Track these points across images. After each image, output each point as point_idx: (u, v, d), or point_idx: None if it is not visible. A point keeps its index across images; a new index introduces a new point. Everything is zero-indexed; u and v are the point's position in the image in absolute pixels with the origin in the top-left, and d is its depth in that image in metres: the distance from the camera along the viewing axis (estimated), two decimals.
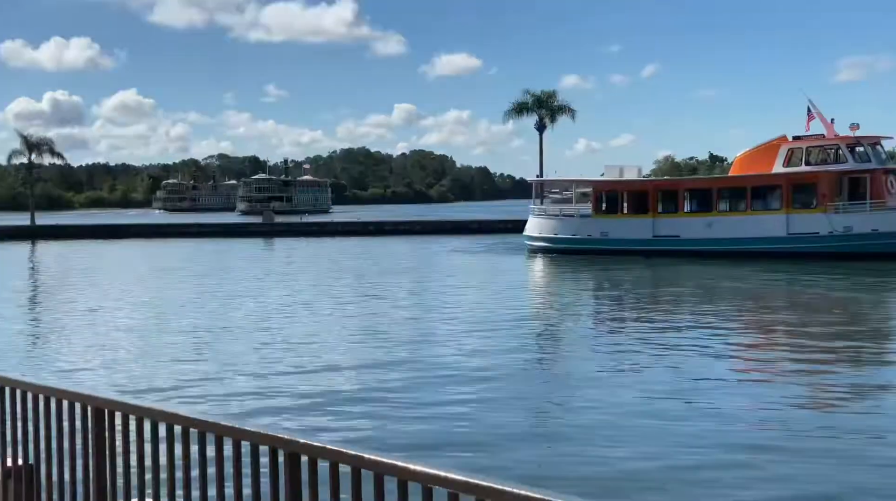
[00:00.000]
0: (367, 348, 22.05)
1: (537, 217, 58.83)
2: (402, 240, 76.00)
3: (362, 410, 15.54)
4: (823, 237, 47.92)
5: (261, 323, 26.95)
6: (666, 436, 13.58)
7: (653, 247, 52.10)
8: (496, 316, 27.67)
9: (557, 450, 13.03)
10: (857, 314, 28.59)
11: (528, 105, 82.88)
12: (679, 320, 26.82)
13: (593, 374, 18.65)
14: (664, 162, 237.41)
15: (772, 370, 19.54)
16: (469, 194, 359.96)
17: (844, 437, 13.54)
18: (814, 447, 12.93)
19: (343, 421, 14.77)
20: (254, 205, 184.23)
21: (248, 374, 18.70)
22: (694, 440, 13.36)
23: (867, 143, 48.80)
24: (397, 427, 14.39)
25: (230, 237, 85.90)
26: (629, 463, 12.29)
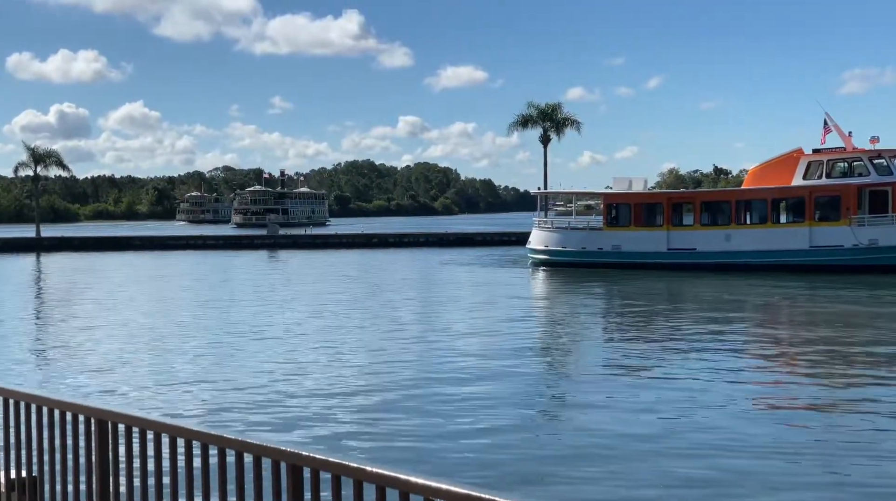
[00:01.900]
0: (371, 362, 22.06)
1: (543, 229, 57.77)
2: (405, 253, 76.02)
3: (365, 423, 15.58)
4: (848, 250, 47.44)
5: (264, 337, 26.92)
6: (670, 457, 13.54)
7: (667, 260, 51.42)
8: (502, 333, 27.62)
9: (560, 468, 13.02)
10: None
11: (533, 117, 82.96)
12: (704, 338, 26.60)
13: (600, 390, 18.62)
14: (668, 174, 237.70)
15: (786, 393, 19.45)
16: (473, 206, 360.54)
17: (849, 455, 13.52)
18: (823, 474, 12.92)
19: (345, 434, 14.80)
20: (248, 218, 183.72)
21: (252, 387, 18.70)
22: (699, 459, 13.35)
23: (888, 156, 48.73)
24: (400, 440, 14.39)
25: (235, 249, 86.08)
26: (629, 484, 12.29)
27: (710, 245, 50.70)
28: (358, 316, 31.67)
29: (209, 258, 72.61)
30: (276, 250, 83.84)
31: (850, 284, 40.82)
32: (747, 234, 50.09)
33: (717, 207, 52.55)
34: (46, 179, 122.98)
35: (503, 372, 20.20)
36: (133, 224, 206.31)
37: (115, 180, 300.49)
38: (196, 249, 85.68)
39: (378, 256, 72.29)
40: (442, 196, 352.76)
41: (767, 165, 52.10)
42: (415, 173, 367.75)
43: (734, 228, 50.68)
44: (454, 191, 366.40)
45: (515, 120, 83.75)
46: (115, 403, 14.75)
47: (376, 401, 17.35)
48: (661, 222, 52.54)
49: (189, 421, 5.29)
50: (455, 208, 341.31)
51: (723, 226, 51.16)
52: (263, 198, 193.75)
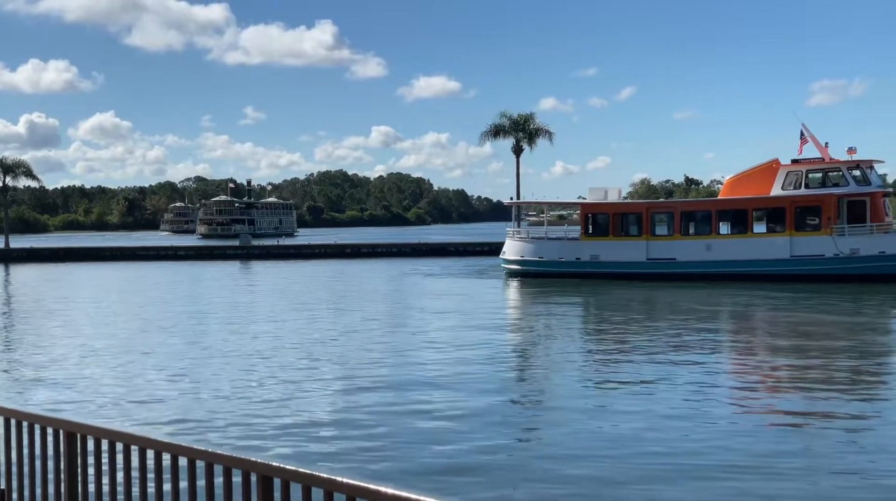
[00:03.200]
0: (342, 372, 21.97)
1: (518, 240, 57.40)
2: (379, 263, 75.89)
3: (335, 433, 15.51)
4: (829, 259, 47.97)
5: (234, 348, 26.77)
6: (643, 464, 13.60)
7: (647, 270, 51.51)
8: (479, 344, 27.56)
9: (534, 480, 13.02)
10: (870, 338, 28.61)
11: (505, 128, 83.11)
12: (682, 348, 26.71)
13: (575, 400, 18.65)
14: (640, 184, 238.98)
15: (761, 398, 19.55)
16: (446, 216, 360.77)
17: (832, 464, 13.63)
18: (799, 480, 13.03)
19: (316, 444, 14.73)
20: (214, 228, 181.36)
21: (222, 398, 18.60)
22: (671, 466, 13.41)
23: (865, 166, 49.26)
24: (371, 451, 14.36)
25: (207, 260, 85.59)
26: (604, 494, 12.31)
27: (690, 254, 50.92)
28: (331, 328, 31.55)
29: (181, 269, 72.17)
30: (248, 261, 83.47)
31: (831, 293, 41.13)
32: (728, 244, 50.37)
33: (697, 217, 52.58)
34: (15, 190, 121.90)
35: (478, 383, 20.17)
36: (117, 234, 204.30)
37: (85, 190, 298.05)
38: (167, 260, 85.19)
39: (351, 267, 72.11)
40: (415, 206, 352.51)
41: (744, 175, 52.40)
42: (388, 183, 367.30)
43: (714, 238, 50.94)
44: (427, 201, 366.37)
45: (488, 130, 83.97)
46: (83, 415, 14.66)
47: (348, 412, 17.28)
48: (640, 232, 52.60)
49: (158, 433, 5.25)
50: (428, 218, 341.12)
51: (703, 235, 51.36)
52: (229, 208, 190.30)
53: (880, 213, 48.60)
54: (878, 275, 46.29)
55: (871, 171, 49.68)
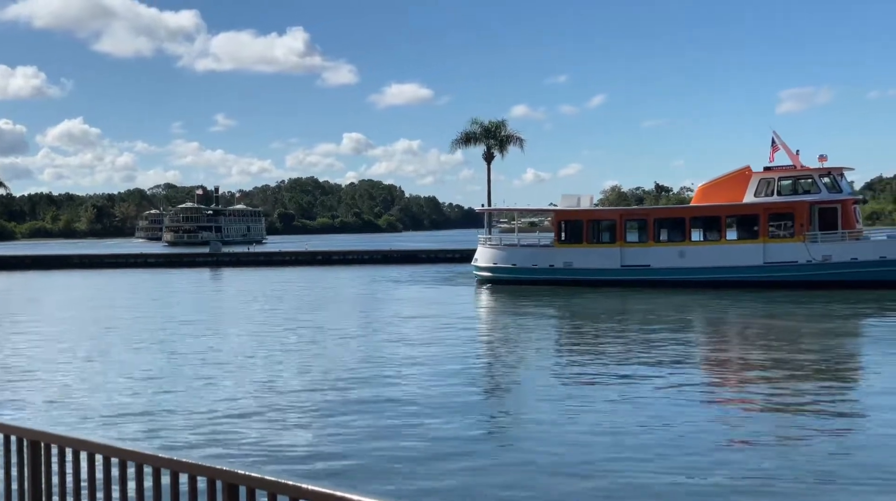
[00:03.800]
0: (311, 380, 21.85)
1: (490, 246, 57.19)
2: (350, 270, 75.72)
3: (302, 441, 15.43)
4: (802, 266, 48.39)
5: (202, 356, 26.57)
6: (616, 473, 13.63)
7: (621, 277, 51.57)
8: (452, 352, 27.54)
9: (506, 487, 13.01)
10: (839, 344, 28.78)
11: (477, 135, 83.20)
12: (655, 355, 26.81)
13: (548, 409, 18.64)
14: (611, 192, 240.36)
15: (732, 400, 19.65)
16: (418, 223, 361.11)
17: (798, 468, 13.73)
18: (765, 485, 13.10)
19: (282, 452, 14.65)
20: (180, 236, 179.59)
21: (188, 407, 18.47)
22: (645, 475, 13.43)
23: (835, 174, 49.75)
24: (336, 459, 14.30)
25: (176, 267, 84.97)
26: None
27: (664, 261, 51.08)
28: (302, 335, 31.41)
29: (150, 276, 71.63)
30: (218, 268, 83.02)
31: (804, 300, 41.42)
32: (701, 251, 50.59)
33: (670, 224, 52.65)
34: None
35: (451, 392, 20.10)
36: (91, 242, 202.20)
37: (53, 198, 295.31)
38: (137, 267, 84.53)
39: (322, 274, 71.89)
40: (386, 213, 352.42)
41: (716, 183, 52.71)
42: (359, 190, 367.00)
43: (688, 245, 51.15)
44: (399, 208, 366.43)
45: (459, 137, 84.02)
46: (47, 424, 14.49)
47: (317, 420, 17.19)
48: (614, 239, 52.68)
49: (123, 442, 5.21)
50: (399, 225, 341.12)
51: (677, 242, 51.51)
52: (196, 215, 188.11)
53: (851, 220, 49.10)
54: (851, 282, 46.72)
55: (842, 179, 50.21)
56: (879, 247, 48.89)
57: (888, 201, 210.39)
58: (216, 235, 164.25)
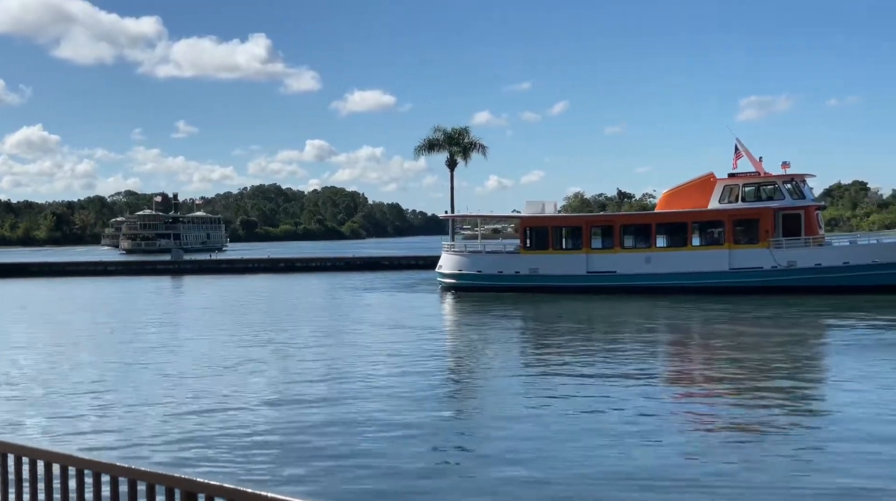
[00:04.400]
0: (274, 388, 21.64)
1: (455, 253, 56.98)
2: (313, 277, 75.44)
3: (263, 449, 15.25)
4: (767, 272, 48.88)
5: (165, 365, 26.30)
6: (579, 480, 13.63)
7: (587, 283, 51.62)
8: (417, 360, 27.44)
9: (469, 495, 13.00)
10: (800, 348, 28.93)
11: (440, 142, 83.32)
12: (618, 361, 26.78)
13: (510, 413, 18.55)
14: (574, 198, 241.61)
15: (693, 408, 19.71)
16: (381, 231, 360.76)
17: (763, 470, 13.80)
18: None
19: (242, 461, 14.47)
20: (138, 243, 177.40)
21: (150, 415, 18.27)
22: (609, 481, 13.43)
23: (798, 180, 50.33)
24: (300, 467, 14.18)
25: (137, 275, 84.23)
26: None
27: (630, 268, 51.28)
28: (265, 344, 31.12)
29: (109, 285, 70.89)
30: (179, 276, 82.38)
31: (769, 305, 41.72)
32: (667, 257, 50.89)
33: (636, 230, 52.84)
34: None
35: (415, 401, 19.94)
36: (51, 250, 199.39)
37: (11, 205, 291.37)
38: (97, 275, 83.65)
39: (285, 281, 71.56)
40: (349, 220, 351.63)
41: (680, 189, 53.07)
42: (322, 197, 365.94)
43: (654, 251, 51.40)
44: (362, 215, 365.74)
45: (422, 144, 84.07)
46: (3, 434, 14.29)
47: (280, 428, 16.97)
48: (580, 245, 52.81)
49: (81, 451, 5.17)
50: (363, 232, 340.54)
51: (643, 248, 51.74)
52: (154, 222, 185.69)
53: (814, 226, 49.70)
54: (816, 287, 47.31)
55: (804, 185, 50.85)
56: (843, 252, 49.57)
57: (846, 207, 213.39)
58: (175, 243, 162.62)
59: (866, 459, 14.31)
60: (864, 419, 17.19)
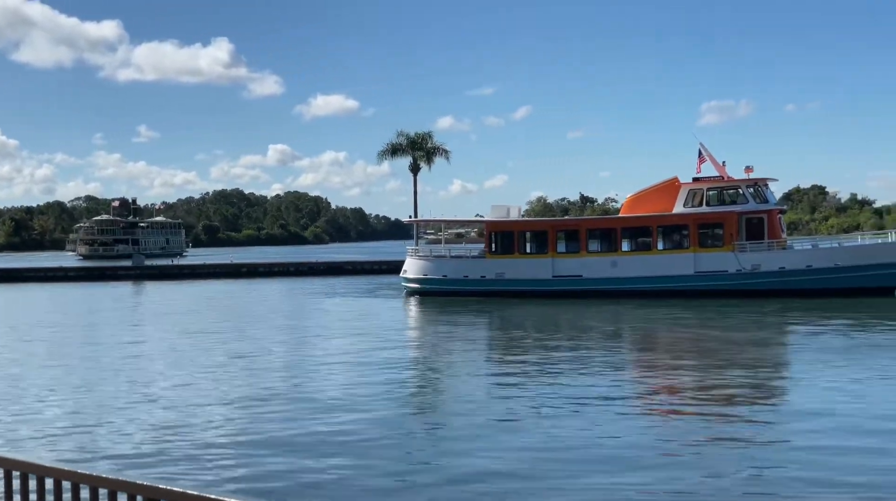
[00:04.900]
0: (234, 397, 21.43)
1: (420, 258, 56.88)
2: (275, 282, 75.10)
3: (226, 457, 15.07)
4: (732, 275, 49.34)
5: (122, 371, 25.95)
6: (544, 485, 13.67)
7: (553, 287, 51.83)
8: (382, 365, 27.33)
9: None
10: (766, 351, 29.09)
11: (403, 146, 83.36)
12: (581, 364, 26.79)
13: (477, 421, 18.45)
14: (537, 202, 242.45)
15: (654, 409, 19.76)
16: (344, 235, 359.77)
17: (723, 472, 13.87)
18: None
19: (200, 469, 14.31)
20: (95, 249, 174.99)
21: (111, 422, 18.05)
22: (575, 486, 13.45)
23: (761, 185, 50.85)
24: (258, 474, 14.08)
25: (98, 281, 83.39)
26: None
27: (596, 272, 51.49)
28: (226, 350, 30.82)
29: (69, 290, 70.12)
30: (141, 281, 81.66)
31: (734, 308, 42.05)
32: (633, 261, 51.16)
33: (602, 234, 53.09)
34: None
35: (379, 408, 19.84)
36: (11, 255, 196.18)
37: None
38: (57, 281, 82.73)
39: (248, 286, 71.15)
40: (312, 225, 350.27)
41: (645, 193, 53.39)
42: (285, 202, 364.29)
43: (620, 255, 51.63)
44: (325, 219, 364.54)
45: (385, 148, 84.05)
46: None
47: (243, 434, 16.79)
48: (546, 249, 52.97)
49: (44, 458, 5.12)
50: (326, 237, 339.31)
51: (608, 252, 51.96)
52: (111, 227, 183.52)
53: (777, 230, 50.28)
54: (779, 291, 47.89)
55: (767, 189, 51.42)
56: (806, 256, 50.14)
57: (805, 211, 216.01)
58: (133, 248, 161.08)
59: (825, 460, 14.43)
60: (824, 421, 17.30)
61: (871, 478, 13.36)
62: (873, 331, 33.03)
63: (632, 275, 50.75)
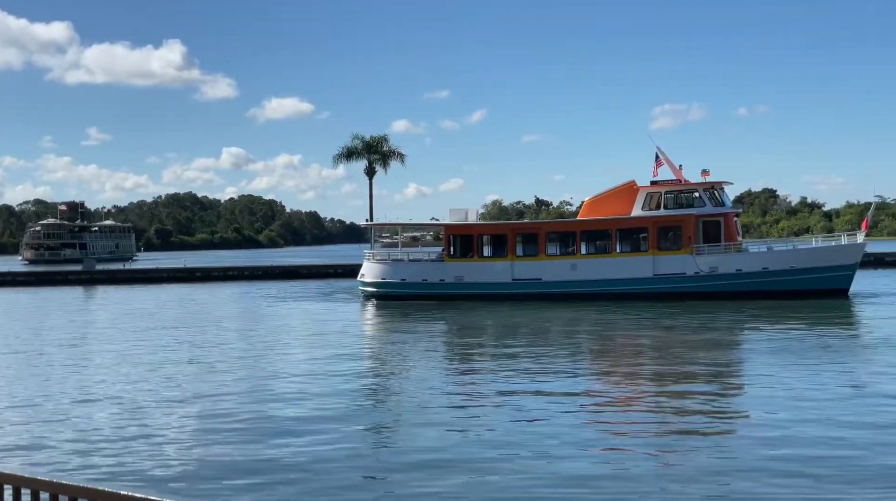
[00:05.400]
0: (187, 402, 21.06)
1: (378, 261, 56.49)
2: (230, 286, 74.52)
3: (178, 464, 14.79)
4: (690, 277, 49.94)
5: (75, 378, 25.48)
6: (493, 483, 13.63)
7: (513, 290, 51.94)
8: (339, 371, 27.08)
9: None
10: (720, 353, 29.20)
11: (358, 149, 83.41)
12: (539, 366, 26.69)
13: (433, 421, 18.25)
14: (492, 206, 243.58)
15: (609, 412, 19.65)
16: (299, 239, 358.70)
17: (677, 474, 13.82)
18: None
19: (153, 476, 14.05)
20: (41, 253, 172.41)
21: (61, 427, 17.69)
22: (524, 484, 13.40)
23: (717, 188, 51.46)
24: (213, 480, 13.86)
25: (48, 285, 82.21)
26: None
27: (555, 274, 51.77)
28: (179, 356, 30.29)
29: (13, 296, 69.02)
30: (92, 286, 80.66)
31: (691, 310, 42.34)
32: (592, 264, 51.48)
33: (561, 237, 53.47)
34: None
35: (335, 414, 19.57)
36: None
37: None
38: (5, 286, 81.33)
39: (202, 291, 70.52)
40: (267, 228, 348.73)
41: (603, 197, 53.72)
42: (239, 205, 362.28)
43: (579, 258, 51.94)
44: (279, 223, 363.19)
45: (340, 152, 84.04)
46: None
47: (196, 441, 16.46)
48: (505, 253, 53.09)
49: None
50: (281, 241, 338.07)
51: (568, 255, 52.31)
52: (58, 231, 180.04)
53: (733, 233, 50.94)
54: (737, 292, 48.54)
55: (723, 193, 52.13)
56: (762, 258, 50.85)
57: (756, 215, 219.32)
58: (81, 252, 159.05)
59: (776, 462, 14.50)
60: (775, 422, 17.40)
61: (818, 478, 13.51)
62: (826, 333, 33.46)
63: (591, 278, 51.10)
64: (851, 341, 31.88)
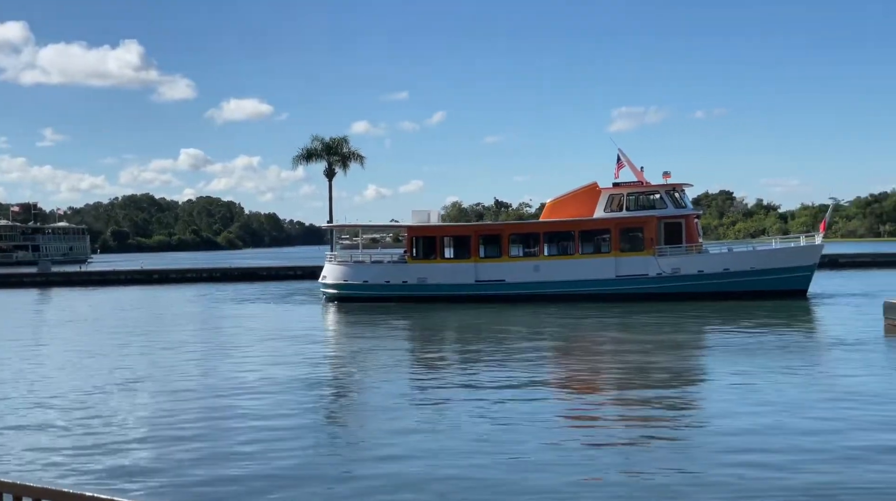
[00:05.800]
0: (150, 403, 20.81)
1: (340, 263, 56.12)
2: (188, 288, 73.85)
3: (136, 468, 14.50)
4: (652, 278, 50.34)
5: (30, 380, 25.07)
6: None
7: (476, 292, 52.01)
8: (301, 373, 26.81)
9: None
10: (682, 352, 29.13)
11: (318, 151, 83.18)
12: (501, 368, 26.58)
13: (396, 427, 18.05)
14: (452, 207, 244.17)
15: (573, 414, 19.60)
16: (258, 241, 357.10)
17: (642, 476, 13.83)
18: None
19: (126, 475, 13.80)
20: None
21: (17, 431, 17.39)
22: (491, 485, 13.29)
23: (678, 190, 51.91)
24: (176, 484, 13.57)
25: (1, 288, 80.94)
26: None
27: (518, 276, 51.93)
28: (136, 359, 29.85)
29: None
30: (47, 288, 79.59)
31: (654, 311, 42.51)
32: (555, 265, 51.66)
33: (524, 239, 53.60)
34: None
35: (296, 420, 19.38)
36: None
37: None
38: None
39: (159, 293, 69.89)
40: (225, 230, 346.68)
41: (565, 198, 54.02)
42: (197, 207, 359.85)
43: (542, 259, 52.11)
44: (238, 225, 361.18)
45: (300, 153, 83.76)
46: None
47: (156, 446, 16.13)
48: (468, 254, 53.14)
49: None
50: (239, 242, 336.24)
51: (531, 257, 52.47)
52: (10, 233, 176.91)
53: (694, 234, 51.44)
54: (698, 293, 49.00)
55: (684, 194, 52.64)
56: (723, 259, 51.41)
57: (713, 216, 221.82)
58: (34, 254, 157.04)
59: (739, 461, 14.57)
60: (737, 423, 17.45)
61: (778, 480, 13.53)
62: (785, 333, 33.80)
63: (554, 280, 51.32)
64: (810, 341, 32.27)
